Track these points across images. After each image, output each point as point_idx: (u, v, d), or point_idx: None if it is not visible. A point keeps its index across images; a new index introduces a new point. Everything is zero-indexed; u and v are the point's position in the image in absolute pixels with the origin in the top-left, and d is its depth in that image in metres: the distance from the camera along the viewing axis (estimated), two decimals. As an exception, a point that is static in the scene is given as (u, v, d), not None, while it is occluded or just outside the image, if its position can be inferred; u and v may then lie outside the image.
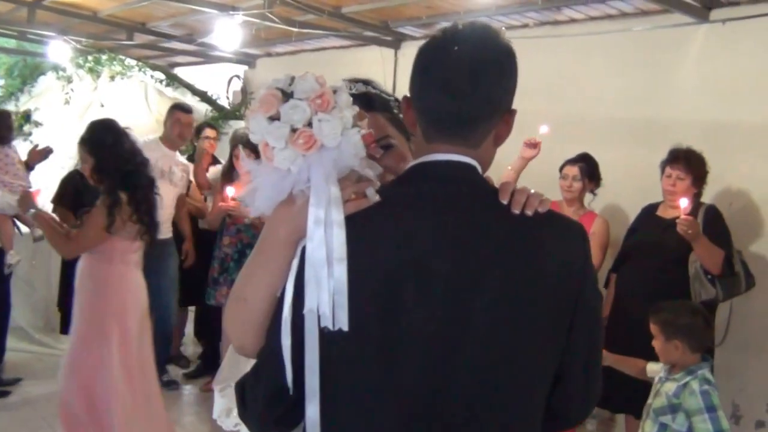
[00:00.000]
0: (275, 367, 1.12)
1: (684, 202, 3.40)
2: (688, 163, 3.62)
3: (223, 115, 6.32)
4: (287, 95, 1.17)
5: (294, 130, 1.14)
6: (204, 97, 6.60)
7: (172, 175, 4.74)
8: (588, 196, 4.11)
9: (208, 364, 5.03)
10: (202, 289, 4.62)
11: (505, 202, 1.17)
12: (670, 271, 3.60)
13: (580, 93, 4.71)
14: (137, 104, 6.37)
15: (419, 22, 5.38)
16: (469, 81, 1.16)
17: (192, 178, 5.01)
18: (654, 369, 3.04)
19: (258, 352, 1.19)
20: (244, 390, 1.20)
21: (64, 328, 5.12)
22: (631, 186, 4.27)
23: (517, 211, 1.16)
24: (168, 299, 4.74)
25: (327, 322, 1.08)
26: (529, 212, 1.16)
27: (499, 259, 1.14)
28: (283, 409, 1.15)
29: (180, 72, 7.31)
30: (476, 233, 1.14)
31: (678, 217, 3.45)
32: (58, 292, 5.22)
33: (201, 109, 6.36)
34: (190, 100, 6.22)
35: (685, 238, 3.40)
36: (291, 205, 1.15)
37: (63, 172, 5.56)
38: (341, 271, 1.09)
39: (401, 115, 1.38)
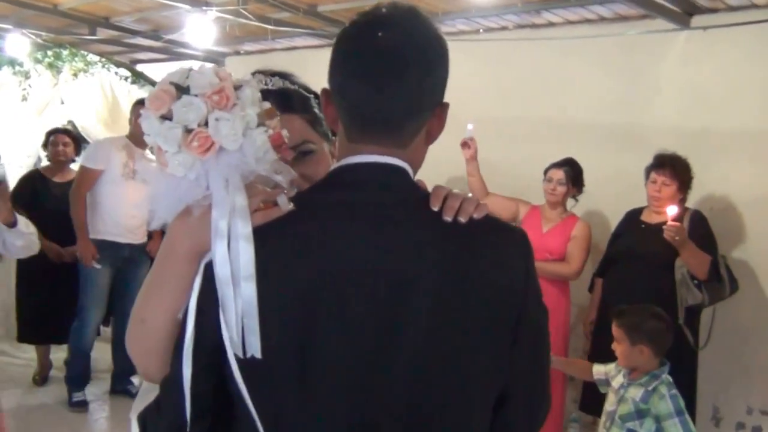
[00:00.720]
0: (177, 400, 0.98)
1: (672, 210, 3.40)
2: (674, 169, 3.63)
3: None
4: (182, 91, 1.02)
5: (189, 131, 1.00)
6: (170, 95, 6.38)
7: (143, 175, 4.50)
8: (570, 202, 4.10)
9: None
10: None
11: (436, 208, 1.04)
12: (657, 276, 3.61)
13: (560, 97, 4.70)
14: (100, 102, 6.14)
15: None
16: (395, 72, 1.02)
17: None
18: (600, 371, 3.05)
19: (160, 381, 1.05)
20: (146, 424, 1.08)
21: (21, 335, 4.93)
22: (610, 190, 4.28)
23: (449, 219, 1.04)
24: None
25: (236, 350, 0.96)
26: (462, 219, 1.04)
27: (428, 273, 1.00)
28: None
29: (142, 69, 7.07)
30: (403, 244, 1.01)
31: (664, 223, 3.46)
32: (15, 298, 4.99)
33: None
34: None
35: (673, 244, 3.41)
36: (188, 216, 1.02)
37: (22, 171, 5.35)
38: (250, 290, 0.96)
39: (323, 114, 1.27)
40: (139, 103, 4.60)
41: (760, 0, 3.93)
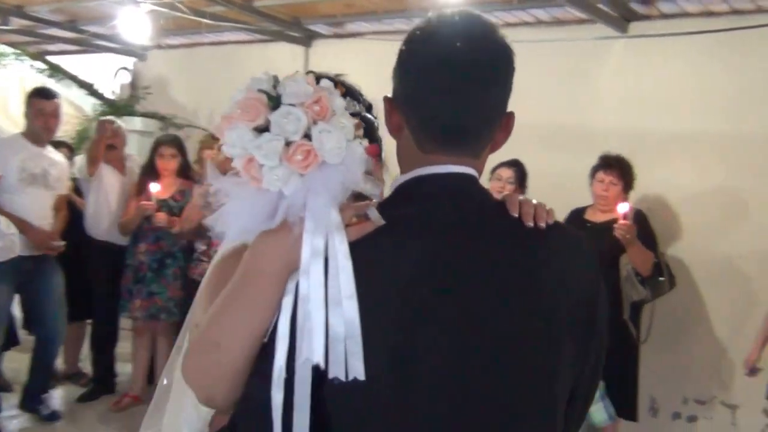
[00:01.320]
0: (264, 428, 0.93)
1: (624, 207, 3.52)
2: (621, 170, 3.76)
3: (114, 110, 5.84)
4: (274, 100, 0.97)
5: (288, 144, 0.95)
6: (91, 90, 6.07)
7: (46, 178, 4.03)
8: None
9: (104, 383, 4.59)
10: (104, 301, 4.26)
11: (516, 214, 1.04)
12: (603, 273, 3.71)
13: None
14: (13, 96, 5.76)
15: (333, 21, 5.25)
16: (475, 83, 1.02)
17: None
18: None
19: (238, 408, 1.00)
20: None
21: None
22: (552, 191, 4.37)
23: (530, 224, 1.04)
24: (53, 320, 4.08)
25: (338, 372, 0.90)
26: (542, 224, 1.05)
27: (514, 280, 1.01)
28: None
29: (53, 61, 6.68)
30: (488, 252, 1.01)
31: (609, 222, 3.58)
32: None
33: (87, 103, 5.86)
34: (75, 93, 5.70)
35: (622, 242, 3.53)
36: (286, 233, 0.95)
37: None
38: (352, 310, 0.91)
39: (373, 118, 1.21)
40: (34, 95, 4.12)
41: (691, 9, 4.13)
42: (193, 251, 4.08)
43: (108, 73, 6.47)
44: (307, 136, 0.95)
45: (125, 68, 6.49)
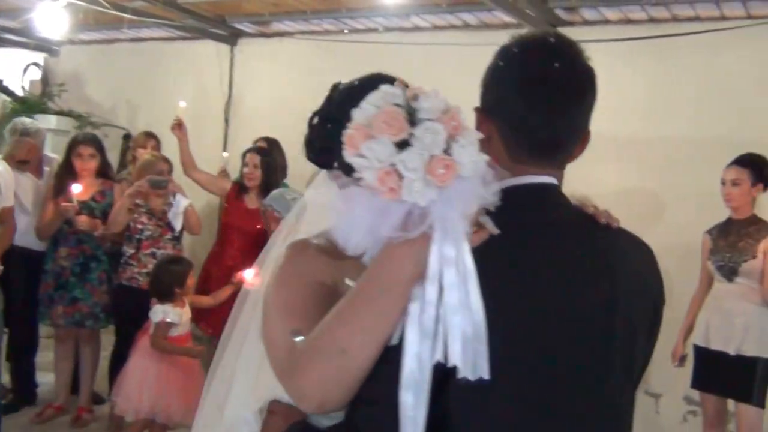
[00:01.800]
0: (390, 428, 0.98)
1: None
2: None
3: (26, 107, 5.56)
4: (411, 114, 0.99)
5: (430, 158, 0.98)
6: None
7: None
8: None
9: (24, 394, 4.32)
10: (21, 308, 4.04)
11: (603, 221, 1.14)
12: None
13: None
14: None
15: (259, 19, 5.19)
16: (571, 101, 1.12)
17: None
18: None
19: (360, 411, 1.05)
20: None
21: None
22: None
23: (604, 222, 1.14)
24: None
25: (467, 372, 0.95)
26: (614, 225, 1.16)
27: (616, 285, 1.10)
28: None
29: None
30: (587, 256, 1.10)
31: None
32: None
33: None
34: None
35: None
36: (424, 243, 0.99)
37: None
38: (479, 314, 0.97)
39: None
40: None
41: (612, 16, 4.31)
42: (119, 255, 3.92)
43: (16, 69, 6.15)
44: (444, 150, 0.97)
45: (35, 64, 6.19)
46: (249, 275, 3.55)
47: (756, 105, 3.93)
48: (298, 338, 1.07)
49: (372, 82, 1.27)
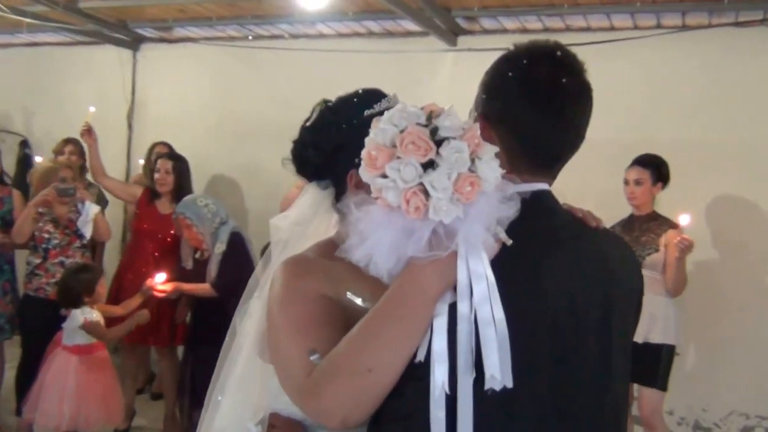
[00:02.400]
0: None
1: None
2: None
3: None
4: (433, 132, 1.01)
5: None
6: None
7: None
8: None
9: None
10: None
11: (594, 224, 1.20)
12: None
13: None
14: None
15: (162, 25, 5.12)
16: (577, 116, 1.16)
17: None
18: None
19: (391, 429, 1.06)
20: None
21: None
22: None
23: (593, 224, 1.21)
24: None
25: (493, 384, 0.97)
26: (600, 226, 1.23)
27: (612, 285, 1.16)
28: None
29: None
30: (592, 262, 1.15)
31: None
32: None
33: None
34: None
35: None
36: (451, 260, 1.01)
37: None
38: (503, 326, 0.99)
39: None
40: None
41: (509, 25, 4.52)
42: (25, 264, 3.79)
43: None
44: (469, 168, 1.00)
45: None
46: (159, 279, 3.56)
47: (646, 108, 4.21)
48: (314, 357, 1.09)
49: (368, 97, 1.33)
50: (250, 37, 5.23)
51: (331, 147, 1.32)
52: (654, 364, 3.49)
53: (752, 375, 4.00)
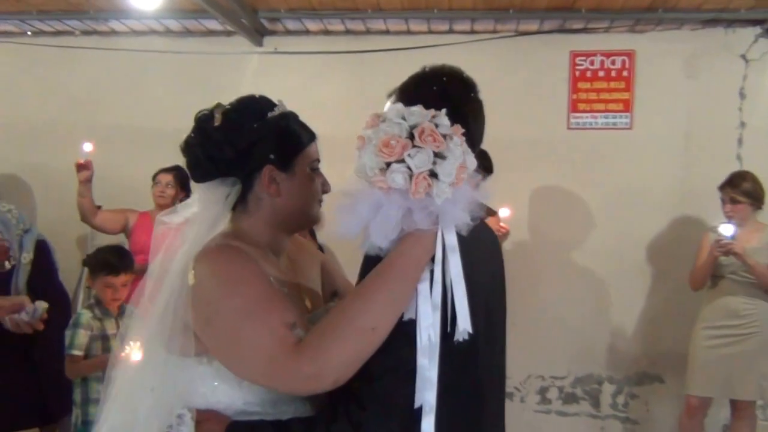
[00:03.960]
0: (408, 389, 1.18)
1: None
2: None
3: None
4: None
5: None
6: None
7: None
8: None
9: None
10: None
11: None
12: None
13: (136, 106, 4.72)
14: None
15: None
16: (481, 124, 1.46)
17: None
18: None
19: (385, 378, 1.20)
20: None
21: None
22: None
23: None
24: None
25: (464, 335, 1.21)
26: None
27: (500, 261, 1.51)
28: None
29: None
30: (492, 243, 1.50)
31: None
32: None
33: None
34: None
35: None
36: (434, 234, 1.23)
37: None
38: (462, 288, 1.24)
39: None
40: None
41: (312, 27, 4.61)
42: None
43: None
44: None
45: None
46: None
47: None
48: (297, 331, 1.21)
49: (265, 102, 1.49)
50: (28, 33, 4.81)
51: (245, 144, 1.42)
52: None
53: (543, 341, 4.52)
